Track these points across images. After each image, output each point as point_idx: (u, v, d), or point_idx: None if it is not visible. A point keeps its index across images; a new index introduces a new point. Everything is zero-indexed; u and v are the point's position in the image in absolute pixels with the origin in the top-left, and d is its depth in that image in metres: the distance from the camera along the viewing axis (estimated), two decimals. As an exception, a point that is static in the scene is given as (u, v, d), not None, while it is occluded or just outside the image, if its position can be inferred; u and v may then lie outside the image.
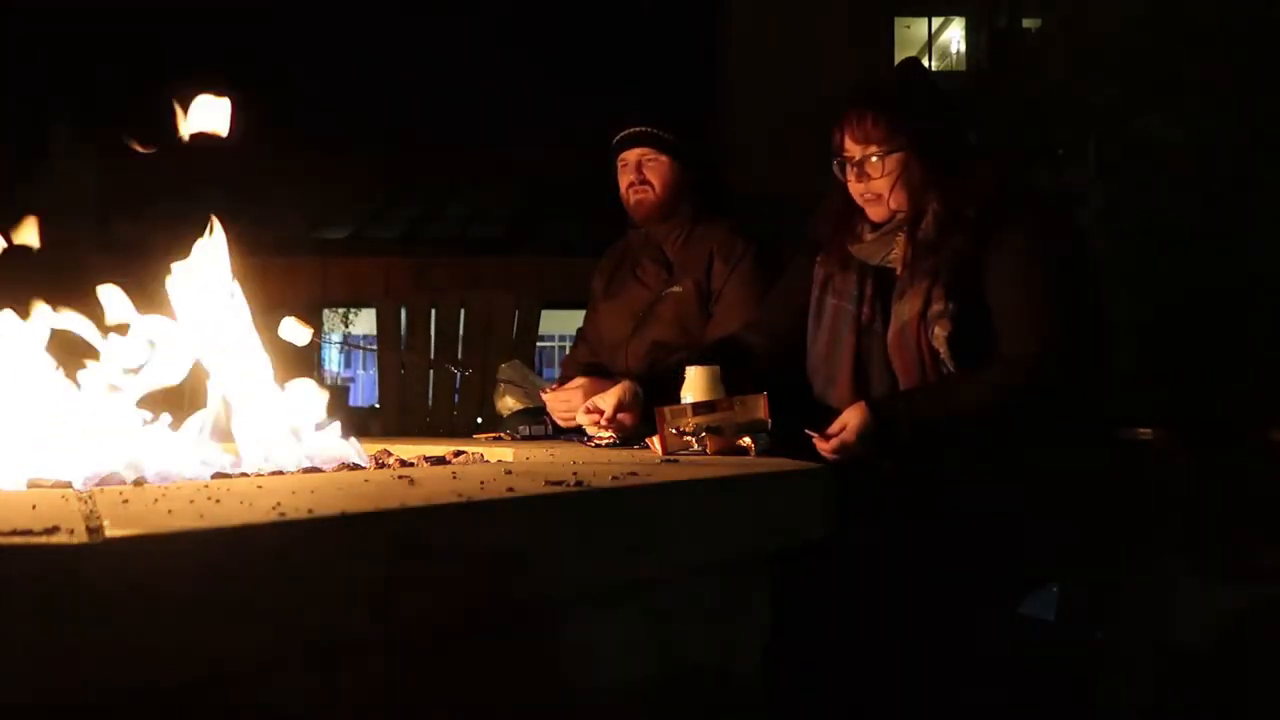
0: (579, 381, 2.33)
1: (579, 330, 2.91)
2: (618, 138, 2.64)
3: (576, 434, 2.46)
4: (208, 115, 1.68)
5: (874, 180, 1.99)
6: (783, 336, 2.22)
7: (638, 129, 2.61)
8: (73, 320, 1.60)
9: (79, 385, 1.57)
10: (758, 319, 2.31)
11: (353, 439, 1.72)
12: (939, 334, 1.90)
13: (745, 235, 2.56)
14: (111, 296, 1.62)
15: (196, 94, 1.67)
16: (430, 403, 3.83)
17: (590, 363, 2.78)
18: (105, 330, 1.61)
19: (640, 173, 2.60)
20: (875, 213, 2.03)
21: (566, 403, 2.32)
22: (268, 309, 1.81)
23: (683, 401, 1.87)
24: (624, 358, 2.63)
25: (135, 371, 1.60)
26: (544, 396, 2.41)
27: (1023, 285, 1.89)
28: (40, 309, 1.58)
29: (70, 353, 1.59)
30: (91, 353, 1.59)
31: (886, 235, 2.02)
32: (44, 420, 1.47)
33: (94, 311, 1.61)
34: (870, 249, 2.04)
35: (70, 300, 1.62)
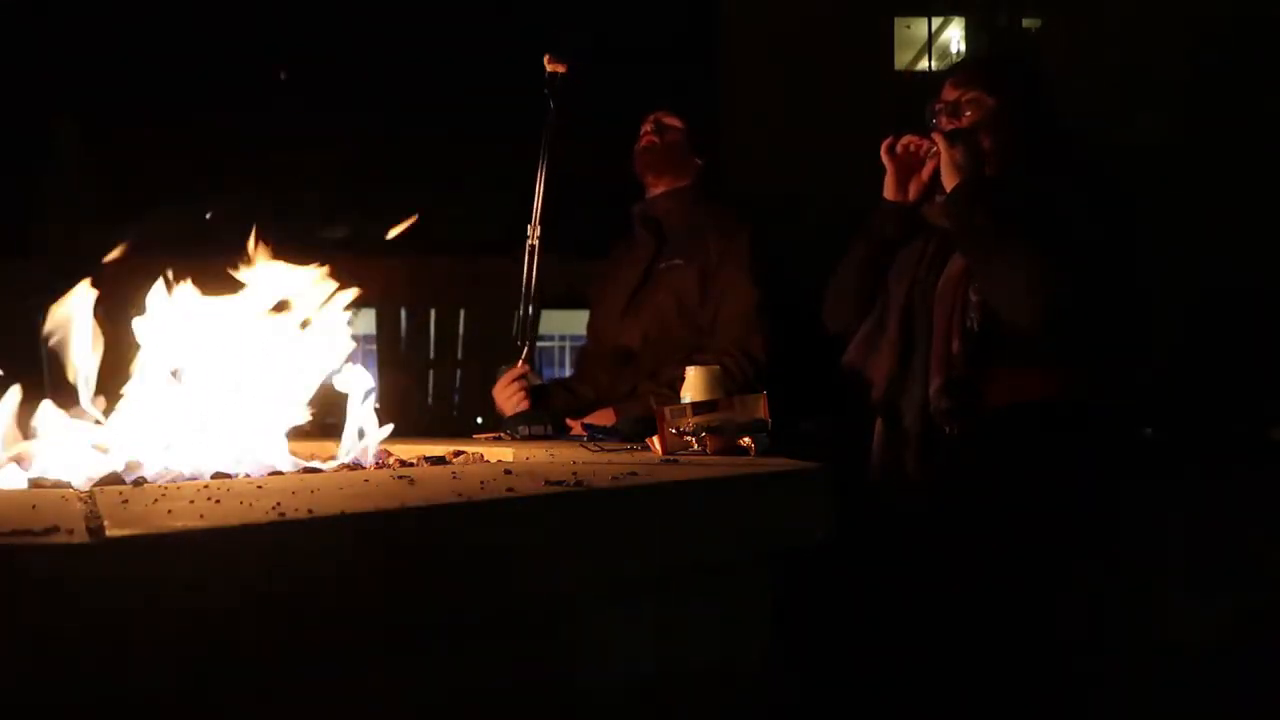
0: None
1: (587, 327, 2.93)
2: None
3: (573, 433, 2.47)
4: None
5: (964, 123, 2.07)
6: None
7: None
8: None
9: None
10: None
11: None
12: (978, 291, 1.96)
13: (743, 217, 2.58)
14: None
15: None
16: (430, 402, 3.84)
17: (591, 358, 2.78)
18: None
19: (657, 124, 2.68)
20: None
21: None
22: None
23: (682, 401, 1.87)
24: (622, 333, 2.63)
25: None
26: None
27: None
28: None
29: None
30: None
31: None
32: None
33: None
34: (938, 210, 2.10)
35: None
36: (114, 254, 1.72)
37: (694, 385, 1.91)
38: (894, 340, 2.08)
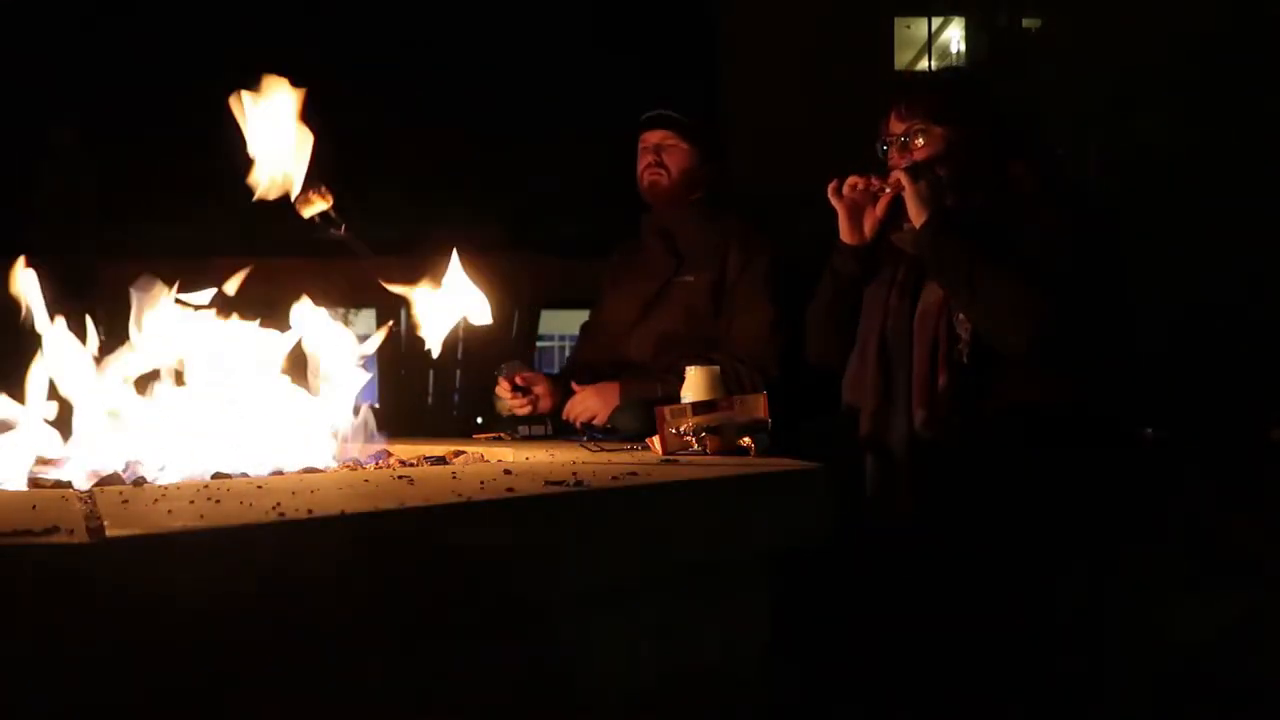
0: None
1: (583, 326, 2.90)
2: (643, 118, 2.67)
3: (574, 433, 2.47)
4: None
5: (914, 156, 2.04)
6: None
7: (663, 112, 2.64)
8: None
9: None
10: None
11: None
12: (963, 319, 1.93)
13: (763, 232, 2.57)
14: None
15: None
16: (430, 402, 3.84)
17: (591, 362, 2.77)
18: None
19: (658, 155, 2.63)
20: None
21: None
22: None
23: (683, 401, 1.87)
24: (630, 347, 2.62)
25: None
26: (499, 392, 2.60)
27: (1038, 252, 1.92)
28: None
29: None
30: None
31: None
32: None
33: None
34: (907, 237, 2.07)
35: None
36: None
37: (694, 385, 1.91)
38: (874, 374, 2.05)
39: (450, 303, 1.77)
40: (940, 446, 1.92)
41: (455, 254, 1.77)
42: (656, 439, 1.80)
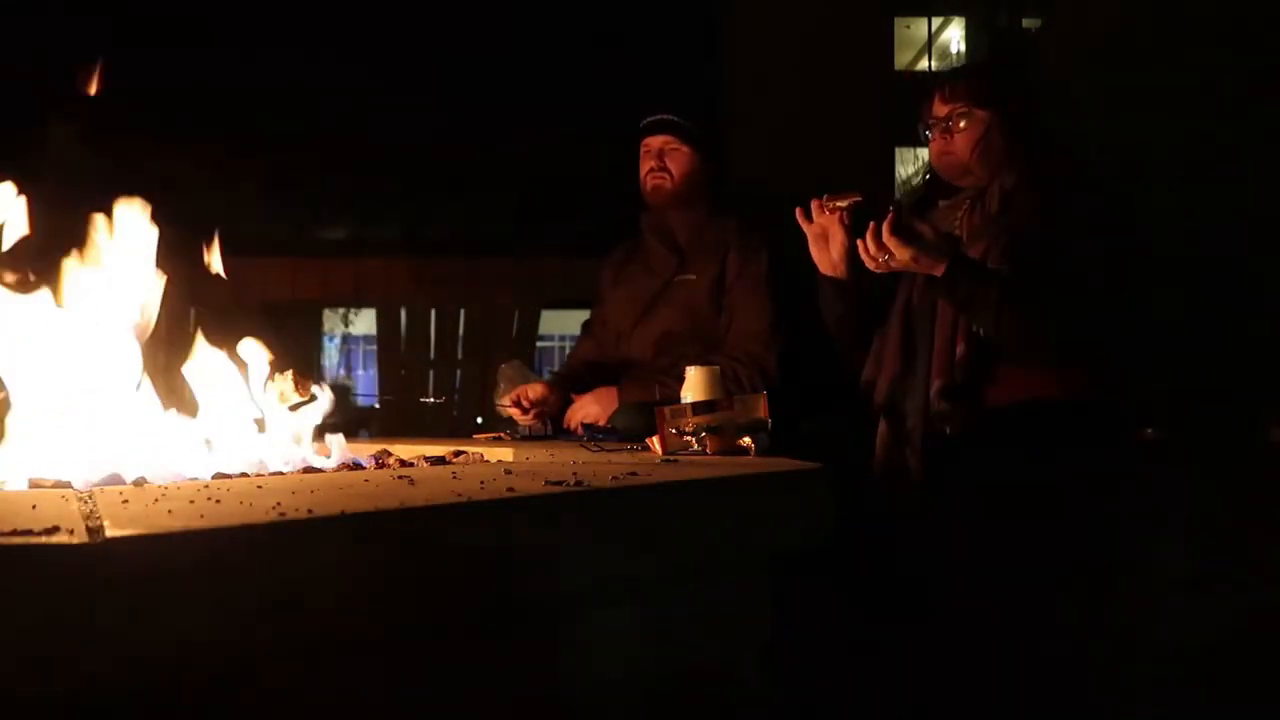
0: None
1: (584, 324, 2.91)
2: (644, 123, 2.68)
3: (572, 433, 2.48)
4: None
5: (955, 138, 2.05)
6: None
7: (664, 117, 2.65)
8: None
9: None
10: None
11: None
12: None
13: (761, 232, 2.58)
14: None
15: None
16: (430, 402, 3.84)
17: (593, 360, 2.77)
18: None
19: (661, 160, 2.63)
20: (951, 175, 2.09)
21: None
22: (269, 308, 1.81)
23: (682, 401, 1.87)
24: (631, 345, 2.63)
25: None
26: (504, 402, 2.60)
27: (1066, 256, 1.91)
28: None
29: None
30: None
31: (956, 204, 2.08)
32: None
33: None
34: (939, 215, 2.08)
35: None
36: None
37: (694, 385, 1.91)
38: (896, 342, 2.06)
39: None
40: (950, 418, 1.93)
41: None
42: (656, 439, 1.80)
